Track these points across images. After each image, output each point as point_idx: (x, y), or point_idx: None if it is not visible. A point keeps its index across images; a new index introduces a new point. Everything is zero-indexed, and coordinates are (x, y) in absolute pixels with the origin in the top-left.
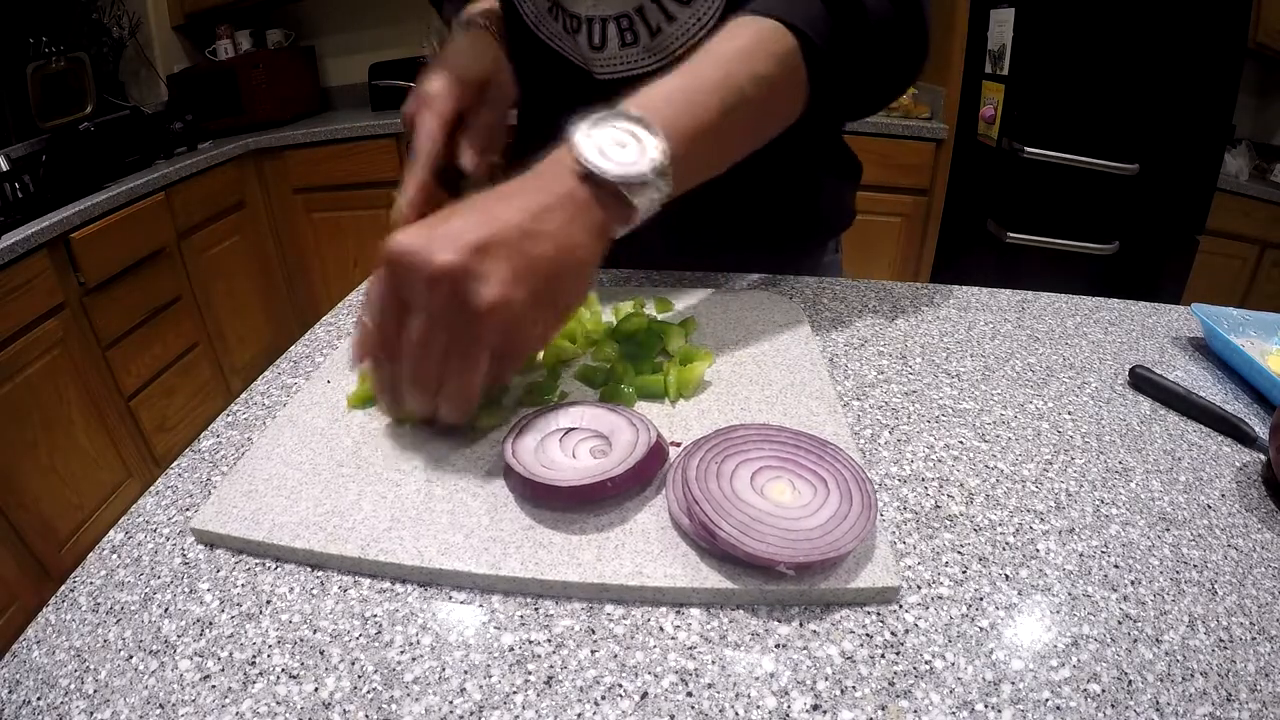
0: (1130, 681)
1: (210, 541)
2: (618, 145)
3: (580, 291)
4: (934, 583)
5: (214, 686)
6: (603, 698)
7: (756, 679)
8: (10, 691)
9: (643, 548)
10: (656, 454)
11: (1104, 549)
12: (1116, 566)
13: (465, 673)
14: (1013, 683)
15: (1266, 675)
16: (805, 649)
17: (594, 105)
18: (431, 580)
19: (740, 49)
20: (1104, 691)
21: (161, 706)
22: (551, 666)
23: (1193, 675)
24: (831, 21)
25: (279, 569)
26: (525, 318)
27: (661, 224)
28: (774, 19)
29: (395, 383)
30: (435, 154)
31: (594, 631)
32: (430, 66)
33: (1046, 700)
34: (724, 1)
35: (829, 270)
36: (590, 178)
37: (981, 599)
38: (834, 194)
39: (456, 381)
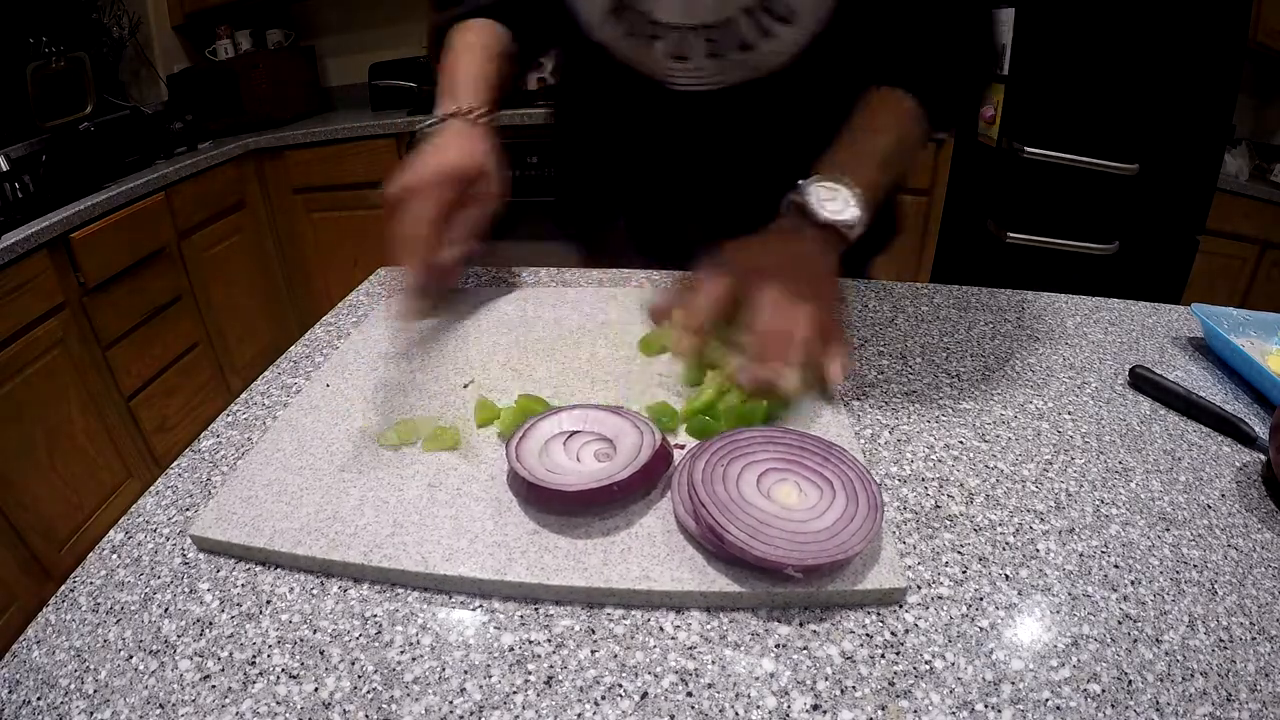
0: (1130, 681)
1: (210, 548)
2: (834, 204)
3: (833, 282)
4: (934, 583)
5: (214, 686)
6: (603, 698)
7: (756, 679)
8: (10, 691)
9: (649, 551)
10: (661, 457)
11: (1104, 549)
12: (1116, 566)
13: (465, 673)
14: (1013, 683)
15: (1266, 675)
16: (805, 649)
17: (665, 115)
18: (436, 586)
19: (896, 122)
20: (1104, 691)
21: (161, 706)
22: (551, 666)
23: (1193, 675)
24: (944, 94)
25: (279, 569)
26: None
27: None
28: (908, 96)
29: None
30: (427, 254)
31: (594, 631)
32: (419, 151)
33: (1046, 700)
34: (826, 21)
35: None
36: (825, 229)
37: (981, 599)
38: (888, 210)
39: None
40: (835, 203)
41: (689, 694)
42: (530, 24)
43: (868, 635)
